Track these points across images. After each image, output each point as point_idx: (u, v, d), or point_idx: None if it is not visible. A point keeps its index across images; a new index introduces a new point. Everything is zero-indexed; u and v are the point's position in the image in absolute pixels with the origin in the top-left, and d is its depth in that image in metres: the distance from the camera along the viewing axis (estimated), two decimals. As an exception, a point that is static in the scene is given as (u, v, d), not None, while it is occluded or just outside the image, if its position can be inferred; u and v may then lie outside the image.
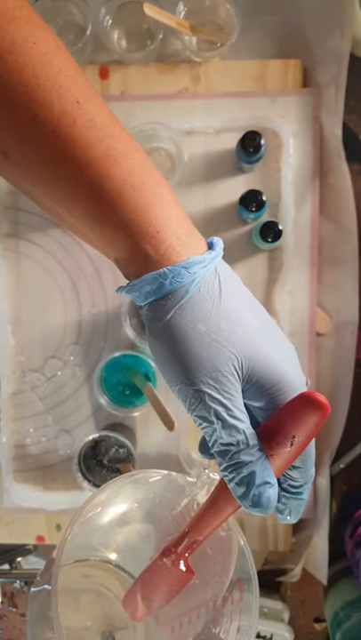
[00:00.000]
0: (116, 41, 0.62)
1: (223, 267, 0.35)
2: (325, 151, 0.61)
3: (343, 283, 0.62)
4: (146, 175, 0.33)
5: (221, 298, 0.33)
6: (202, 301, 0.33)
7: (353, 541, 0.63)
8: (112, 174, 0.32)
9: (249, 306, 0.35)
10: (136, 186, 0.33)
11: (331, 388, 0.64)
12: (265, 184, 0.62)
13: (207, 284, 0.33)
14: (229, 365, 0.33)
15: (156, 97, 0.62)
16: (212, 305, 0.33)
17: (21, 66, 0.31)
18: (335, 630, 0.62)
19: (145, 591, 0.35)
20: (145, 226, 0.33)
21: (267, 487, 0.32)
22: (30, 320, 0.65)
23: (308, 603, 0.70)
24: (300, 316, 0.62)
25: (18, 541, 0.68)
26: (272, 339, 0.35)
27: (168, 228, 0.33)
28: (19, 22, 0.31)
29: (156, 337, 0.34)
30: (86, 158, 0.32)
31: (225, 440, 0.32)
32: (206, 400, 0.32)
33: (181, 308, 0.33)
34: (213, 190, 0.63)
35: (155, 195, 0.33)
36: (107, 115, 0.33)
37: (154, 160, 0.63)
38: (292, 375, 0.34)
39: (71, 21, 0.62)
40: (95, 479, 0.63)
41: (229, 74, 0.62)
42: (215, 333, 0.33)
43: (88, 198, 0.33)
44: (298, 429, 0.32)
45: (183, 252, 0.33)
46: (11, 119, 0.32)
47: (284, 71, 0.62)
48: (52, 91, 0.31)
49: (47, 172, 0.33)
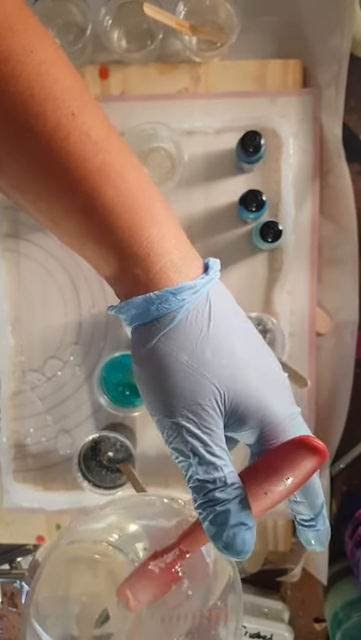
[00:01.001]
0: (116, 41, 0.62)
1: (217, 290, 0.33)
2: (325, 151, 0.61)
3: (343, 283, 0.62)
4: (141, 192, 0.32)
5: (210, 326, 0.32)
6: (189, 329, 0.31)
7: (353, 541, 0.63)
8: (105, 191, 0.31)
9: (240, 333, 0.33)
10: (129, 204, 0.31)
11: (331, 388, 0.64)
12: (265, 184, 0.62)
13: (196, 312, 0.32)
14: (211, 399, 0.31)
15: (156, 97, 0.62)
16: (200, 334, 0.32)
17: (17, 75, 0.30)
18: (335, 630, 0.62)
19: (135, 586, 0.35)
20: (136, 247, 0.31)
21: (242, 529, 0.30)
22: (30, 320, 0.65)
23: (308, 603, 0.70)
24: (300, 316, 0.62)
25: (18, 541, 0.68)
26: (260, 369, 0.33)
27: (161, 250, 0.32)
28: (17, 29, 0.31)
29: (139, 363, 0.33)
30: (80, 173, 0.31)
31: (201, 476, 0.31)
32: (184, 434, 0.31)
33: (166, 335, 0.31)
34: (213, 190, 0.63)
35: (149, 213, 0.32)
36: (103, 127, 0.32)
37: (154, 160, 0.63)
38: (279, 411, 0.32)
39: (71, 21, 0.62)
40: (95, 479, 0.63)
41: (229, 74, 0.62)
42: (199, 364, 0.31)
43: (80, 214, 0.32)
44: (293, 472, 0.31)
45: (174, 275, 0.32)
46: (4, 129, 0.31)
47: (284, 71, 0.62)
48: (46, 102, 0.30)
49: (40, 186, 0.32)
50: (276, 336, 0.61)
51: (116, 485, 0.63)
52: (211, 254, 0.62)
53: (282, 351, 0.61)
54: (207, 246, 0.63)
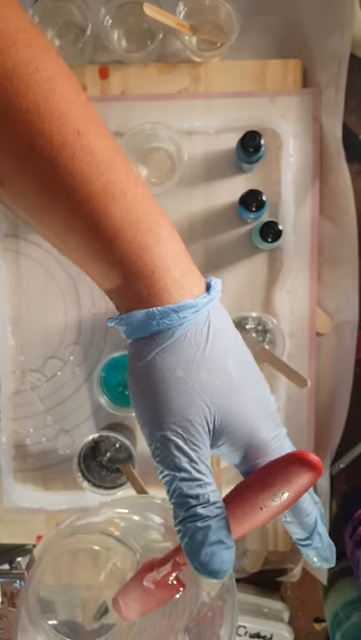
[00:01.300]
0: (116, 41, 0.62)
1: (216, 310, 0.34)
2: (325, 151, 0.61)
3: (343, 283, 0.62)
4: (144, 212, 0.32)
5: (207, 345, 0.32)
6: (187, 347, 0.32)
7: (353, 541, 0.63)
8: (109, 211, 0.31)
9: (234, 353, 0.34)
10: (133, 223, 0.32)
11: (331, 388, 0.64)
12: (265, 184, 0.62)
13: (196, 330, 0.32)
14: (201, 417, 0.32)
15: (156, 97, 0.62)
16: (196, 352, 0.32)
17: (22, 93, 0.30)
18: (335, 630, 0.62)
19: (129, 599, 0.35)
20: (140, 265, 0.32)
21: (221, 547, 0.30)
22: (30, 320, 0.65)
23: (308, 603, 0.70)
24: (300, 315, 0.62)
25: (18, 541, 0.68)
26: (251, 391, 0.34)
27: (164, 268, 0.32)
28: (21, 45, 0.30)
29: (135, 375, 0.33)
30: (84, 193, 0.31)
31: (184, 492, 0.31)
32: (172, 448, 0.31)
33: (164, 350, 0.32)
34: (213, 190, 0.63)
35: (152, 232, 0.32)
36: (108, 145, 0.32)
37: (154, 160, 0.63)
38: (265, 432, 0.33)
39: (71, 21, 0.62)
40: (95, 479, 0.63)
41: (229, 74, 0.62)
42: (193, 381, 0.32)
43: (84, 233, 0.32)
44: (288, 487, 0.31)
45: (177, 293, 0.32)
46: (8, 147, 0.31)
47: (284, 71, 0.62)
48: (52, 120, 0.30)
49: (44, 203, 0.32)
50: (276, 336, 0.61)
51: (116, 485, 0.63)
52: (211, 254, 0.63)
53: (282, 351, 0.61)
54: (207, 246, 0.63)
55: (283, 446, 0.34)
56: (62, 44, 0.62)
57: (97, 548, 0.42)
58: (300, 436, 0.63)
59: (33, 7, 0.59)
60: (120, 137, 0.60)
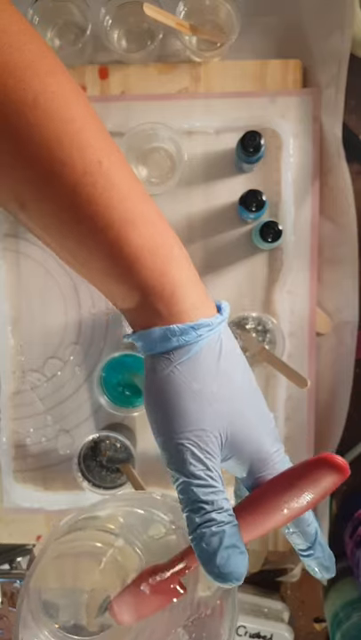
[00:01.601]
0: (116, 41, 0.62)
1: (226, 330, 0.36)
2: (325, 151, 0.61)
3: (343, 283, 0.62)
4: (162, 238, 0.34)
5: (220, 361, 0.34)
6: (202, 362, 0.34)
7: (353, 541, 0.63)
8: (131, 238, 0.32)
9: (241, 371, 0.36)
10: (153, 250, 0.33)
11: (331, 388, 0.64)
12: (265, 184, 0.62)
13: (210, 346, 0.34)
14: (215, 427, 0.33)
15: (156, 97, 0.62)
16: (210, 367, 0.34)
17: (43, 123, 0.30)
18: (335, 630, 0.62)
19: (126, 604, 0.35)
20: (160, 288, 0.34)
21: (236, 551, 0.31)
22: (30, 320, 0.65)
23: (308, 603, 0.70)
24: (300, 315, 0.62)
25: (18, 541, 0.68)
26: (255, 407, 0.35)
27: (182, 291, 0.34)
28: (42, 74, 0.31)
29: (152, 388, 0.35)
30: (106, 221, 0.32)
31: (200, 498, 0.32)
32: (187, 456, 0.33)
33: (182, 364, 0.34)
34: (213, 190, 0.63)
35: (171, 258, 0.34)
36: (127, 173, 0.33)
37: (154, 160, 0.63)
38: (268, 445, 0.35)
39: (71, 21, 0.62)
40: (95, 479, 0.63)
41: (229, 74, 0.62)
42: (207, 394, 0.33)
43: (105, 259, 0.33)
44: (313, 489, 0.32)
45: (193, 313, 0.34)
46: (29, 174, 0.31)
47: (284, 71, 0.62)
48: (73, 150, 0.31)
49: (64, 228, 0.33)
50: (276, 336, 0.61)
51: (115, 485, 0.63)
52: (211, 254, 0.63)
53: (282, 351, 0.61)
54: (207, 246, 0.63)
55: (283, 460, 0.35)
56: (62, 44, 0.63)
57: (98, 544, 0.42)
58: (300, 436, 0.63)
59: (33, 7, 0.59)
60: (120, 137, 0.60)
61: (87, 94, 0.63)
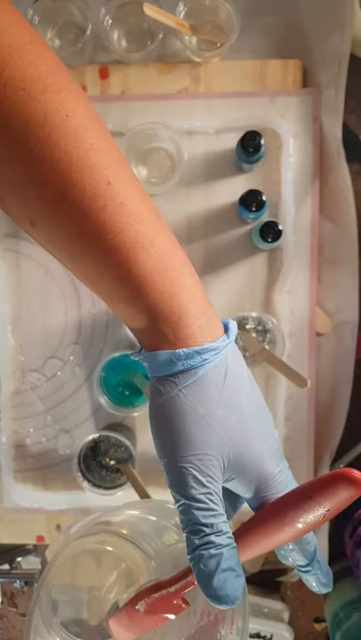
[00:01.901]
0: (116, 41, 0.62)
1: (232, 352, 0.36)
2: (325, 151, 0.61)
3: (343, 283, 0.62)
4: (171, 261, 0.34)
5: (225, 384, 0.34)
6: (207, 386, 0.34)
7: (353, 541, 0.63)
8: (140, 261, 0.32)
9: (247, 392, 0.36)
10: (162, 272, 0.33)
11: (331, 388, 0.64)
12: (265, 184, 0.62)
13: (215, 370, 0.34)
14: (218, 452, 0.33)
15: (156, 97, 0.62)
16: (215, 390, 0.34)
17: (54, 141, 0.30)
18: (335, 630, 0.62)
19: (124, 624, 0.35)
20: (168, 311, 0.34)
21: (233, 574, 0.32)
22: (30, 320, 0.65)
23: (308, 602, 0.70)
24: (300, 315, 0.62)
25: (18, 541, 0.68)
26: (260, 428, 0.35)
27: (190, 315, 0.34)
28: (51, 90, 0.30)
29: (157, 410, 0.35)
30: (115, 244, 0.32)
31: (199, 520, 0.32)
32: (189, 479, 0.33)
33: (187, 388, 0.34)
34: (213, 190, 0.63)
35: (179, 281, 0.34)
36: (137, 194, 0.33)
37: (154, 160, 0.63)
38: (272, 465, 0.35)
39: (71, 21, 0.62)
40: (95, 479, 0.63)
41: (229, 74, 0.62)
42: (212, 418, 0.34)
43: (114, 281, 0.33)
44: (330, 503, 0.32)
45: (200, 337, 0.34)
46: (40, 194, 0.31)
47: (284, 71, 0.62)
48: (83, 170, 0.31)
49: (74, 249, 0.33)
50: (276, 336, 0.61)
51: (115, 485, 0.63)
52: (211, 254, 0.63)
53: (282, 351, 0.61)
54: (207, 246, 0.63)
55: (287, 479, 0.36)
56: (62, 44, 0.63)
57: (110, 548, 0.42)
58: (301, 436, 0.63)
59: (33, 7, 0.59)
60: (120, 137, 0.60)
61: (87, 94, 0.63)
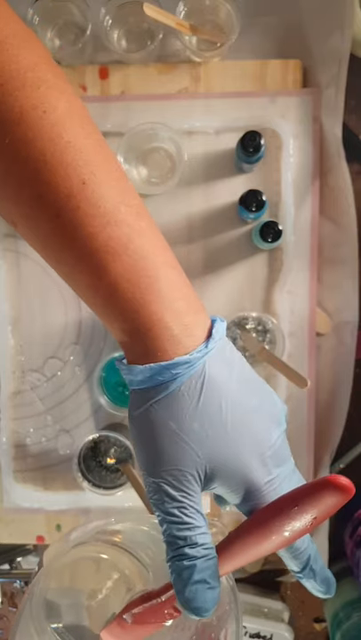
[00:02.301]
0: (116, 41, 0.62)
1: (216, 358, 0.34)
2: (325, 151, 0.61)
3: (343, 283, 0.62)
4: (145, 266, 0.32)
5: (200, 398, 0.33)
6: (179, 400, 0.33)
7: (353, 541, 0.63)
8: (110, 268, 0.31)
9: (232, 402, 0.33)
10: (133, 280, 0.31)
11: (331, 388, 0.64)
12: (265, 184, 0.62)
13: (190, 384, 0.33)
14: (191, 466, 0.33)
15: (156, 97, 0.62)
16: (189, 405, 0.33)
17: (29, 139, 0.29)
18: (335, 630, 0.62)
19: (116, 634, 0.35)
20: (138, 322, 0.32)
21: (205, 587, 0.31)
22: (30, 320, 0.65)
23: (308, 602, 0.70)
24: (301, 315, 0.62)
25: (18, 541, 0.68)
26: (249, 435, 0.34)
27: (161, 325, 0.32)
28: (30, 86, 0.29)
29: (132, 423, 0.34)
30: (86, 249, 0.31)
31: (173, 533, 0.32)
32: (162, 494, 0.33)
33: (158, 403, 0.33)
34: (213, 190, 0.63)
35: (152, 288, 0.32)
36: (116, 194, 0.31)
37: (154, 160, 0.63)
38: (258, 477, 0.33)
39: (71, 21, 0.62)
40: (95, 479, 0.63)
41: (229, 74, 0.62)
42: (185, 433, 0.33)
43: (87, 287, 0.32)
44: (317, 510, 0.32)
45: (172, 349, 0.32)
46: (17, 194, 0.30)
47: (284, 71, 0.62)
48: (58, 169, 0.30)
49: (50, 254, 0.32)
50: (277, 336, 0.61)
51: (115, 485, 0.63)
52: (211, 254, 0.63)
53: (282, 351, 0.61)
54: (207, 246, 0.63)
55: (277, 489, 0.34)
56: (62, 44, 0.63)
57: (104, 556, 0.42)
58: (300, 436, 0.63)
59: (33, 7, 0.59)
60: (120, 137, 0.60)
61: (87, 94, 0.63)
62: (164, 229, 0.63)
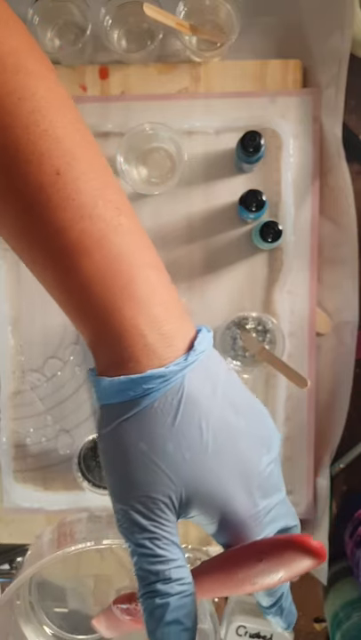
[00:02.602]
0: (116, 41, 0.62)
1: (198, 373, 0.30)
2: (325, 151, 0.62)
3: (343, 283, 0.62)
4: (119, 267, 0.29)
5: (177, 417, 0.29)
6: (152, 419, 0.29)
7: (353, 541, 0.63)
8: (81, 267, 0.28)
9: (215, 421, 0.30)
10: (105, 281, 0.28)
11: (331, 388, 0.64)
12: (265, 184, 0.62)
13: (165, 400, 0.29)
14: (164, 493, 0.29)
15: (156, 97, 0.62)
16: (164, 424, 0.29)
17: (4, 127, 0.27)
18: (335, 630, 0.62)
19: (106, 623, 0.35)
20: (109, 327, 0.29)
21: (179, 628, 0.28)
22: (30, 320, 0.65)
23: (307, 603, 0.70)
24: (300, 315, 0.63)
25: (18, 541, 0.68)
26: (228, 462, 0.30)
27: (134, 333, 0.29)
28: (9, 71, 0.28)
29: (100, 442, 0.31)
30: (57, 245, 0.28)
31: (144, 567, 0.29)
32: (132, 524, 0.29)
33: (128, 421, 0.29)
34: (213, 190, 0.63)
35: (126, 292, 0.29)
36: (93, 184, 0.29)
37: (154, 160, 0.63)
38: (241, 509, 0.30)
39: (71, 21, 0.62)
40: (95, 479, 0.63)
41: (229, 74, 0.62)
42: (157, 456, 0.29)
43: (57, 286, 0.30)
44: (284, 569, 0.28)
45: (146, 360, 0.29)
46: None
47: (284, 71, 0.62)
48: (31, 159, 0.27)
49: (22, 252, 0.30)
50: (276, 336, 0.61)
51: (116, 485, 0.63)
52: (211, 254, 0.63)
53: (282, 351, 0.61)
54: (207, 246, 0.63)
55: (263, 524, 0.31)
56: (62, 44, 0.63)
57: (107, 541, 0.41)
58: (301, 436, 0.63)
59: (33, 7, 0.59)
60: (120, 137, 0.60)
61: (87, 94, 0.63)
62: (164, 229, 0.63)
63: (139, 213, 0.62)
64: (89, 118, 0.62)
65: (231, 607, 0.65)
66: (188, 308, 0.63)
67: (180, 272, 0.63)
